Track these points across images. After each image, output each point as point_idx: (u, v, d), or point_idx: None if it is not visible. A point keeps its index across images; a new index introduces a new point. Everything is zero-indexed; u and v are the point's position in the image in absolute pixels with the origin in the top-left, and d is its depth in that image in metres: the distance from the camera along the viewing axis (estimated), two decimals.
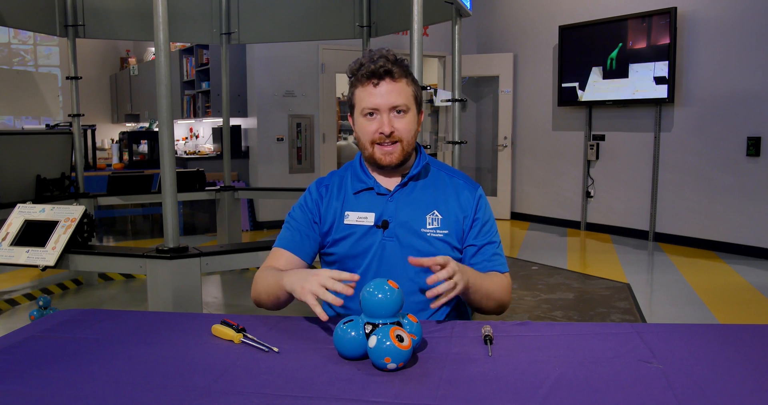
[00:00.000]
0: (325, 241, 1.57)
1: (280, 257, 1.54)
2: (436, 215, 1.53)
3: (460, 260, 1.57)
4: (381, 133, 1.48)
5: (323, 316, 1.24)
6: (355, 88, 1.52)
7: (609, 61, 5.97)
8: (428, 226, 1.52)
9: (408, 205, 1.53)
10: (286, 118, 6.57)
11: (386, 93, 1.46)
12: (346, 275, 1.26)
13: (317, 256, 1.61)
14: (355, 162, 1.60)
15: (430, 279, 1.30)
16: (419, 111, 1.55)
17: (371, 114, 1.49)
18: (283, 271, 1.43)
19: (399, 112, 1.48)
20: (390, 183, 1.56)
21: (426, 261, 1.32)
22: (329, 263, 1.60)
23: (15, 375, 1.11)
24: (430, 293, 1.30)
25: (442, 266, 1.32)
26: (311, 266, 1.58)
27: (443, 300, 1.33)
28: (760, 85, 4.99)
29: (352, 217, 1.53)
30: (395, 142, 1.49)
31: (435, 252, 1.51)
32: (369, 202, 1.54)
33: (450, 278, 1.31)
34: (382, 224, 1.51)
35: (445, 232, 1.52)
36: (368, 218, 1.52)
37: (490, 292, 1.49)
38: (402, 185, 1.54)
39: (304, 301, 1.28)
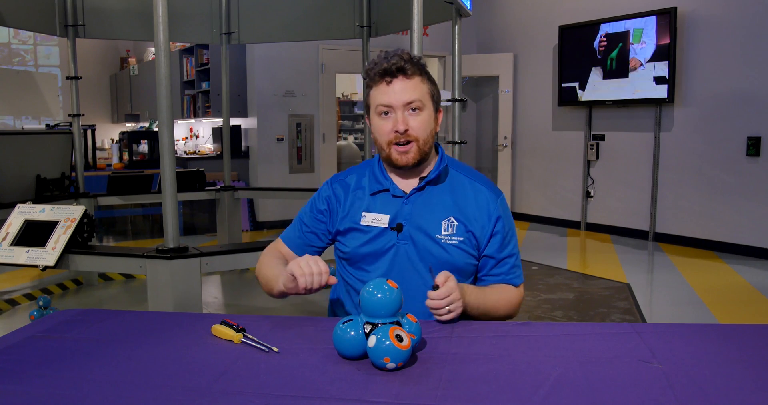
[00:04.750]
0: (338, 235, 1.57)
1: (280, 248, 1.63)
2: (452, 221, 1.49)
3: (475, 267, 1.55)
4: (396, 131, 1.45)
5: (302, 281, 1.32)
6: (370, 89, 1.49)
7: (609, 61, 5.97)
8: (443, 233, 1.49)
9: (424, 209, 1.50)
10: (286, 118, 6.57)
11: (400, 90, 1.44)
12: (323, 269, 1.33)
13: (323, 251, 1.62)
14: (374, 162, 1.58)
15: (429, 303, 1.34)
16: (437, 110, 1.52)
17: (386, 112, 1.46)
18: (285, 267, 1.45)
19: (414, 109, 1.45)
20: (407, 185, 1.53)
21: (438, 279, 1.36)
22: (344, 260, 1.59)
23: (15, 375, 1.11)
24: (431, 305, 1.35)
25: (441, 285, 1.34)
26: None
27: (442, 318, 1.35)
28: (760, 85, 4.99)
29: (369, 218, 1.52)
30: (410, 141, 1.46)
31: (450, 258, 1.49)
32: (385, 203, 1.52)
33: (446, 298, 1.34)
34: (396, 227, 1.49)
35: (461, 239, 1.49)
36: (383, 220, 1.50)
37: (489, 310, 1.48)
38: (419, 189, 1.51)
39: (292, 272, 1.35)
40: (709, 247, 5.42)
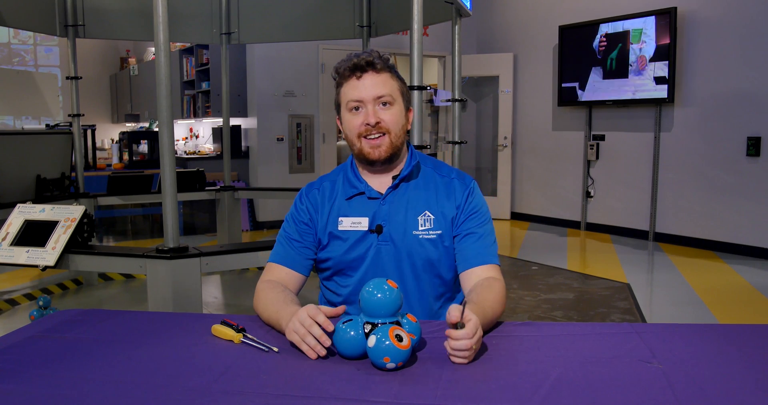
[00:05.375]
0: (318, 249, 1.53)
1: (277, 272, 1.51)
2: (428, 216, 1.49)
3: (452, 259, 1.52)
4: (367, 124, 1.44)
5: (311, 354, 1.17)
6: (340, 87, 1.49)
7: (609, 61, 5.97)
8: (420, 228, 1.48)
9: (401, 207, 1.50)
10: (286, 118, 6.57)
11: (370, 85, 1.44)
12: (321, 318, 1.18)
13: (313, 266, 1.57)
14: (347, 165, 1.56)
15: (454, 339, 1.13)
16: (407, 108, 1.52)
17: (357, 108, 1.46)
18: (284, 303, 1.35)
19: (385, 103, 1.45)
20: (381, 185, 1.52)
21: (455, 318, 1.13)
22: (323, 270, 1.56)
23: (15, 375, 1.11)
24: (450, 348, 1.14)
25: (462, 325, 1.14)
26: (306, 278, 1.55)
27: (459, 360, 1.14)
28: (760, 85, 4.98)
29: (346, 223, 1.50)
30: (383, 133, 1.45)
31: (426, 254, 1.48)
32: (361, 206, 1.51)
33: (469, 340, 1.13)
34: (375, 229, 1.48)
35: (438, 232, 1.49)
36: (362, 223, 1.49)
37: (492, 320, 1.35)
38: (393, 187, 1.51)
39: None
40: (709, 247, 5.41)
